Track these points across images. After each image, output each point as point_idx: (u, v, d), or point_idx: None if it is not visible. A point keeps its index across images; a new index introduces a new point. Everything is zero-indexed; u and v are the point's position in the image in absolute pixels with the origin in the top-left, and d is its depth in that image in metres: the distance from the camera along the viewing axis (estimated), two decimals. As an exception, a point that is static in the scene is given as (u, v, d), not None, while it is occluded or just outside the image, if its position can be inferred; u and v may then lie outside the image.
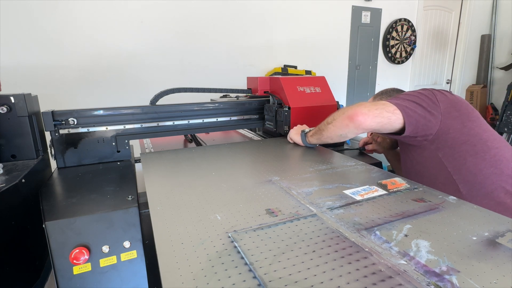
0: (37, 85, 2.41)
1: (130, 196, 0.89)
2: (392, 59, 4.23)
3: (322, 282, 0.47)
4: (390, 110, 0.99)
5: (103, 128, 1.23)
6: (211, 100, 1.66)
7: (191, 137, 1.64)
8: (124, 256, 0.83)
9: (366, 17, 3.89)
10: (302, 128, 1.32)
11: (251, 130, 1.87)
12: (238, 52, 3.17)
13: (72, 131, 1.19)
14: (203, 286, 0.46)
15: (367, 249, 0.55)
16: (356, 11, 3.79)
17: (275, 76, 1.57)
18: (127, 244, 0.83)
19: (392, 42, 4.14)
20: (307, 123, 1.41)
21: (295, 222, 0.65)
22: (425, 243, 0.56)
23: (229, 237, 0.59)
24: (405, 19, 4.16)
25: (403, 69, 4.43)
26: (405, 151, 1.17)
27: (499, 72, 4.90)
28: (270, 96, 1.55)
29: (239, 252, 0.55)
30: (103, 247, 0.81)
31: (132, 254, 0.84)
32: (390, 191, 0.80)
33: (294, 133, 1.32)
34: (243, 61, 3.22)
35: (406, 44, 4.26)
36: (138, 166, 1.24)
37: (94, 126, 1.21)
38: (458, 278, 0.47)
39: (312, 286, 0.46)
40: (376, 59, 4.14)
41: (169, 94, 1.41)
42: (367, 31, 3.95)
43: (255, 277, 0.48)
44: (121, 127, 1.26)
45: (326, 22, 3.62)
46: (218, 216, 0.68)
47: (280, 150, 1.26)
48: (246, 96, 1.66)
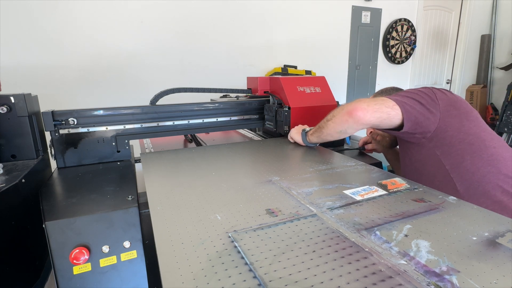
0: (37, 85, 2.41)
1: (130, 196, 0.89)
2: (392, 59, 4.23)
3: (322, 282, 0.47)
4: (389, 106, 1.00)
5: (103, 128, 1.23)
6: (211, 100, 1.66)
7: (191, 137, 1.64)
8: (124, 256, 0.83)
9: (366, 17, 3.89)
10: (303, 128, 1.32)
11: (251, 130, 1.87)
12: (238, 52, 3.17)
13: (72, 131, 1.19)
14: (203, 286, 0.46)
15: (367, 249, 0.55)
16: (356, 11, 3.79)
17: (275, 76, 1.57)
18: (127, 244, 0.83)
19: (392, 42, 4.14)
20: (307, 123, 1.41)
21: (295, 222, 0.65)
22: (425, 243, 0.56)
23: (229, 237, 0.59)
24: (405, 19, 4.16)
25: (403, 69, 4.43)
26: (404, 149, 1.17)
27: (499, 72, 4.90)
28: (270, 96, 1.55)
29: (239, 252, 0.55)
30: (103, 247, 0.81)
31: (132, 254, 0.84)
32: (390, 191, 0.80)
33: (295, 132, 1.32)
34: (243, 61, 3.22)
35: (406, 44, 4.26)
36: (138, 166, 1.24)
37: (94, 126, 1.21)
38: (458, 278, 0.47)
39: (312, 286, 0.46)
40: (376, 59, 4.14)
41: (169, 94, 1.41)
42: (367, 31, 3.95)
43: (255, 277, 0.48)
44: (121, 127, 1.26)
45: (326, 22, 3.62)
46: (218, 216, 0.68)
47: (280, 150, 1.26)
48: (246, 96, 1.66)
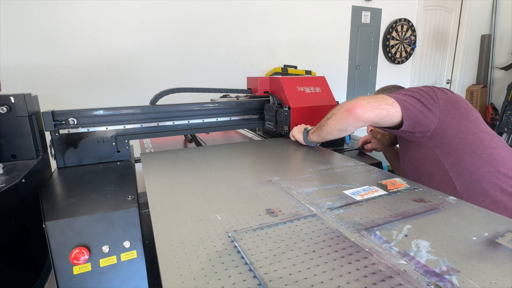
0: (37, 85, 2.41)
1: (130, 196, 0.89)
2: (392, 59, 4.23)
3: (322, 282, 0.47)
4: (389, 103, 1.00)
5: (103, 128, 1.23)
6: (211, 100, 1.66)
7: (191, 137, 1.64)
8: (124, 256, 0.83)
9: (366, 17, 3.89)
10: (306, 127, 1.32)
11: (251, 130, 1.87)
12: (238, 52, 3.17)
13: (72, 131, 1.19)
14: (203, 286, 0.46)
15: (367, 249, 0.55)
16: (356, 11, 3.79)
17: (275, 76, 1.57)
18: (127, 244, 0.83)
19: (392, 42, 4.14)
20: (307, 123, 1.40)
21: (295, 222, 0.65)
22: (425, 243, 0.57)
23: (229, 237, 0.59)
24: (405, 19, 4.16)
25: (403, 69, 4.43)
26: (404, 148, 1.17)
27: (499, 72, 4.90)
28: (270, 96, 1.55)
29: (239, 252, 0.55)
30: (103, 247, 0.81)
31: (132, 254, 0.84)
32: (390, 192, 0.80)
33: (297, 131, 1.32)
34: (243, 61, 3.22)
35: (406, 44, 4.26)
36: (138, 166, 1.24)
37: (94, 126, 1.21)
38: (458, 278, 0.47)
39: (312, 286, 0.46)
40: (376, 59, 4.14)
41: (169, 94, 1.41)
42: (367, 31, 3.95)
43: (255, 277, 0.48)
44: (121, 127, 1.26)
45: (326, 22, 3.62)
46: (218, 216, 0.68)
47: (280, 151, 1.26)
48: (246, 96, 1.66)
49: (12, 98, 1.06)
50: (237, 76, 3.13)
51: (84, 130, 1.20)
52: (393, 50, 4.19)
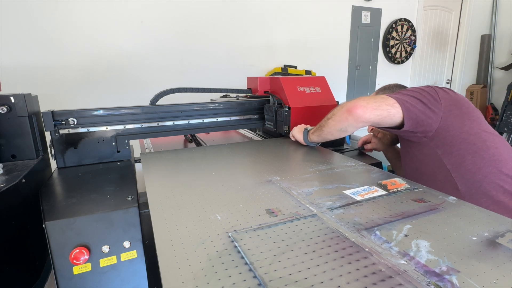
0: (37, 85, 2.41)
1: (130, 196, 0.89)
2: (392, 59, 4.23)
3: (322, 282, 0.47)
4: (390, 103, 0.99)
5: (103, 128, 1.23)
6: (211, 100, 1.66)
7: (191, 137, 1.64)
8: (124, 256, 0.83)
9: (366, 17, 3.89)
10: (306, 127, 1.31)
11: (251, 130, 1.87)
12: (238, 52, 3.17)
13: (72, 131, 1.19)
14: (203, 286, 0.46)
15: (367, 249, 0.55)
16: (356, 11, 3.79)
17: (275, 76, 1.57)
18: (127, 244, 0.83)
19: (392, 42, 4.14)
20: (307, 123, 1.41)
21: (295, 222, 0.65)
22: (425, 243, 0.57)
23: (229, 237, 0.59)
24: (405, 19, 4.16)
25: (403, 69, 4.43)
26: (405, 148, 1.17)
27: (499, 72, 4.90)
28: (270, 96, 1.55)
29: (239, 252, 0.55)
30: (103, 247, 0.81)
31: (132, 254, 0.84)
32: (390, 192, 0.80)
33: (297, 131, 1.32)
34: (243, 61, 3.22)
35: (406, 44, 4.26)
36: (138, 166, 1.24)
37: (94, 126, 1.21)
38: (458, 278, 0.47)
39: (312, 286, 0.46)
40: (376, 59, 4.14)
41: (169, 94, 1.41)
42: (367, 31, 3.95)
43: (255, 277, 0.48)
44: (121, 127, 1.26)
45: (326, 22, 3.62)
46: (218, 216, 0.68)
47: (280, 151, 1.26)
48: (246, 96, 1.66)
49: (12, 98, 1.06)
50: (237, 76, 3.13)
51: (84, 130, 1.20)
52: (393, 50, 4.19)
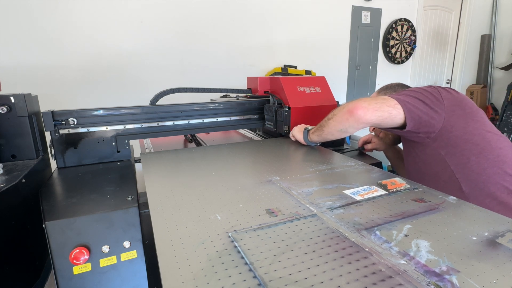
0: (37, 85, 2.41)
1: (130, 196, 0.89)
2: (392, 59, 4.23)
3: (322, 282, 0.47)
4: (391, 105, 0.99)
5: (103, 128, 1.23)
6: (211, 100, 1.66)
7: (191, 137, 1.64)
8: (124, 256, 0.83)
9: (366, 17, 3.89)
10: (306, 126, 1.31)
11: (251, 130, 1.87)
12: (238, 52, 3.17)
13: (72, 131, 1.19)
14: (203, 286, 0.46)
15: (367, 249, 0.55)
16: (356, 11, 3.79)
17: (275, 76, 1.57)
18: (127, 244, 0.83)
19: (392, 42, 4.14)
20: (307, 123, 1.40)
21: (295, 222, 0.65)
22: (425, 243, 0.56)
23: (229, 237, 0.59)
24: (405, 19, 4.16)
25: (403, 69, 4.43)
26: (408, 148, 1.16)
27: (499, 72, 4.90)
28: (270, 96, 1.55)
29: (239, 252, 0.55)
30: (103, 247, 0.81)
31: (132, 254, 0.84)
32: (390, 191, 0.80)
33: (297, 131, 1.32)
34: (243, 61, 3.22)
35: (406, 44, 4.26)
36: (138, 166, 1.24)
37: (94, 126, 1.21)
38: (458, 278, 0.47)
39: (312, 286, 0.46)
40: (376, 59, 4.14)
41: (169, 94, 1.41)
42: (367, 31, 3.95)
43: (255, 277, 0.48)
44: (121, 127, 1.26)
45: (326, 22, 3.62)
46: (218, 216, 0.68)
47: (280, 150, 1.26)
48: (246, 96, 1.66)
49: (12, 98, 1.06)
50: (237, 76, 3.13)
51: (84, 130, 1.20)
52: (393, 50, 4.19)
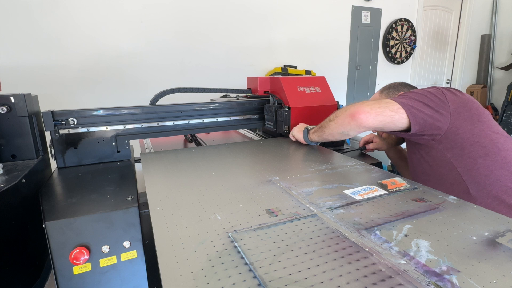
0: (37, 85, 2.41)
1: (130, 196, 0.89)
2: (392, 59, 4.23)
3: (322, 282, 0.47)
4: (394, 109, 0.98)
5: (103, 128, 1.23)
6: (211, 100, 1.66)
7: (191, 137, 1.64)
8: (124, 256, 0.83)
9: (366, 17, 3.89)
10: (306, 126, 1.31)
11: (251, 130, 1.87)
12: (238, 52, 3.17)
13: (72, 131, 1.19)
14: (203, 286, 0.46)
15: (367, 249, 0.55)
16: (356, 11, 3.79)
17: (275, 76, 1.57)
18: (127, 244, 0.83)
19: (392, 42, 4.14)
20: (307, 123, 1.40)
21: (295, 222, 0.65)
22: (425, 243, 0.56)
23: (229, 237, 0.59)
24: (405, 19, 4.16)
25: (403, 69, 4.43)
26: (413, 150, 1.15)
27: (499, 72, 4.91)
28: (270, 96, 1.55)
29: (239, 252, 0.55)
30: (103, 247, 0.81)
31: (132, 254, 0.84)
32: (390, 191, 0.80)
33: (297, 131, 1.31)
34: (243, 61, 3.22)
35: (406, 44, 4.26)
36: (138, 166, 1.24)
37: (94, 126, 1.21)
38: (458, 278, 0.47)
39: (312, 286, 0.46)
40: (376, 59, 4.14)
41: (169, 94, 1.41)
42: (367, 31, 3.95)
43: (255, 277, 0.48)
44: (121, 127, 1.26)
45: (326, 22, 3.62)
46: (218, 216, 0.68)
47: (280, 150, 1.26)
48: (246, 96, 1.66)
49: (12, 98, 1.05)
50: (237, 76, 3.13)
51: (84, 130, 1.20)
52: (393, 50, 4.19)
